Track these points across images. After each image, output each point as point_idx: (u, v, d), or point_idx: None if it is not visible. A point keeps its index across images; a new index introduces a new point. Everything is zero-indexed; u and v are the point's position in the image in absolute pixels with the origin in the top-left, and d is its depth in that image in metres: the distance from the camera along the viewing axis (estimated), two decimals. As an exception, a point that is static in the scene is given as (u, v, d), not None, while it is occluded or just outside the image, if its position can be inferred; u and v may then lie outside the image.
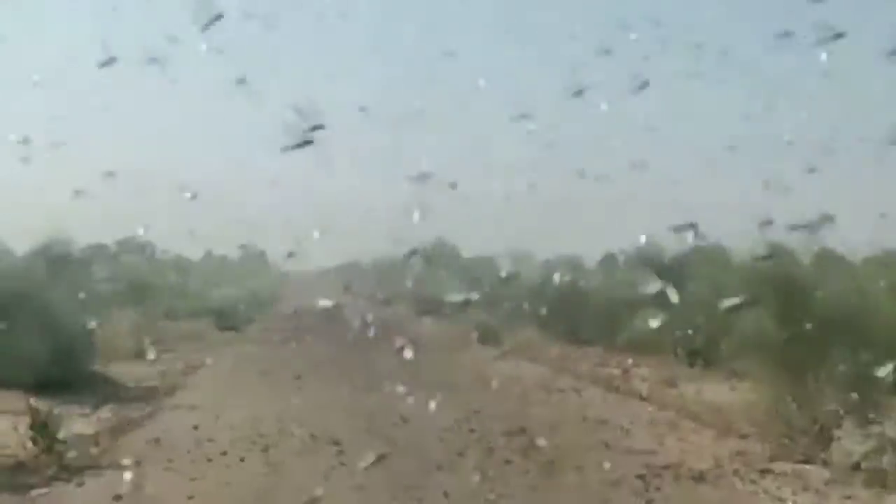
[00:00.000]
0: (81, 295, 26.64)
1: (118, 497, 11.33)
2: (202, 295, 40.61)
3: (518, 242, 41.94)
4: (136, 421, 16.84)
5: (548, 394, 20.57)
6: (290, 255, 13.75)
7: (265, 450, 14.07)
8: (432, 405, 17.47)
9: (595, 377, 24.00)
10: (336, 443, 14.49)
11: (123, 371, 23.63)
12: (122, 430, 15.94)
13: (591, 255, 42.91)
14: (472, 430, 15.72)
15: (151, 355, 27.09)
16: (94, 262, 43.17)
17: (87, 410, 17.77)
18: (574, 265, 42.85)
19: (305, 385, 20.88)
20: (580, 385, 22.25)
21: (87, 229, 36.37)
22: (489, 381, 21.99)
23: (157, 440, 14.79)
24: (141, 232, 47.04)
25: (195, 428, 15.78)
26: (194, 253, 54.87)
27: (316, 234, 11.85)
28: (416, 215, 9.80)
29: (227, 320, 37.17)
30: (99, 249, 46.77)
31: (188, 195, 12.08)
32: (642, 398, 20.26)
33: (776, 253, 17.20)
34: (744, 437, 15.57)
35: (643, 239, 34.91)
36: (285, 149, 7.61)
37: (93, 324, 24.20)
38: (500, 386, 21.28)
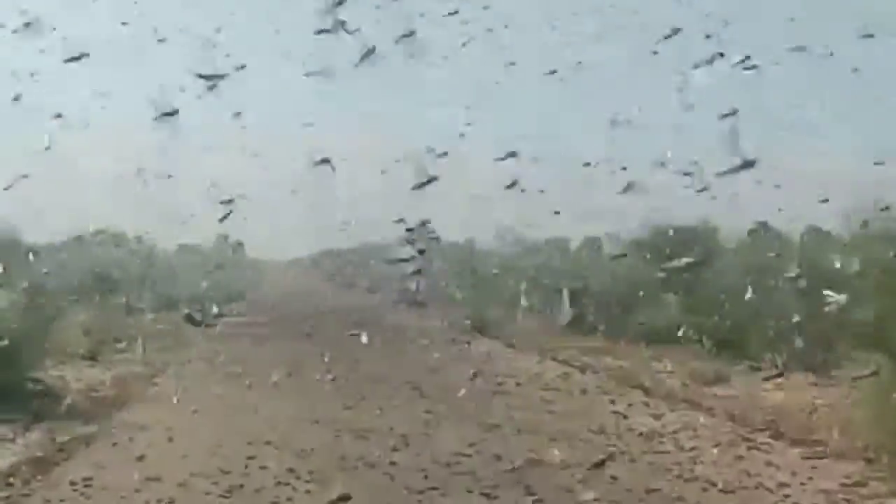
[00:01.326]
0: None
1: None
2: (171, 287, 36.58)
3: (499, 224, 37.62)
4: (70, 448, 12.95)
5: (572, 398, 16.77)
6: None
7: (227, 495, 10.21)
8: (437, 419, 13.79)
9: (617, 374, 20.26)
10: (321, 481, 10.66)
11: (72, 376, 19.78)
12: (50, 463, 12.04)
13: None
14: (497, 458, 11.84)
15: (105, 356, 23.33)
16: (61, 254, 39.69)
17: (14, 432, 13.94)
18: (561, 248, 39.06)
19: (282, 395, 17.02)
20: (605, 384, 18.46)
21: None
22: (501, 382, 18.20)
23: (87, 480, 10.89)
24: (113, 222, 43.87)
25: (140, 459, 11.91)
26: (170, 244, 50.93)
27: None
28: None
29: (196, 315, 33.16)
30: (71, 240, 43.31)
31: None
32: (684, 402, 16.48)
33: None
34: (842, 457, 11.84)
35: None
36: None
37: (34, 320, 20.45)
38: (515, 389, 17.53)
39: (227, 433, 13.30)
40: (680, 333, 24.64)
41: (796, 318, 20.87)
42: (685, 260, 25.50)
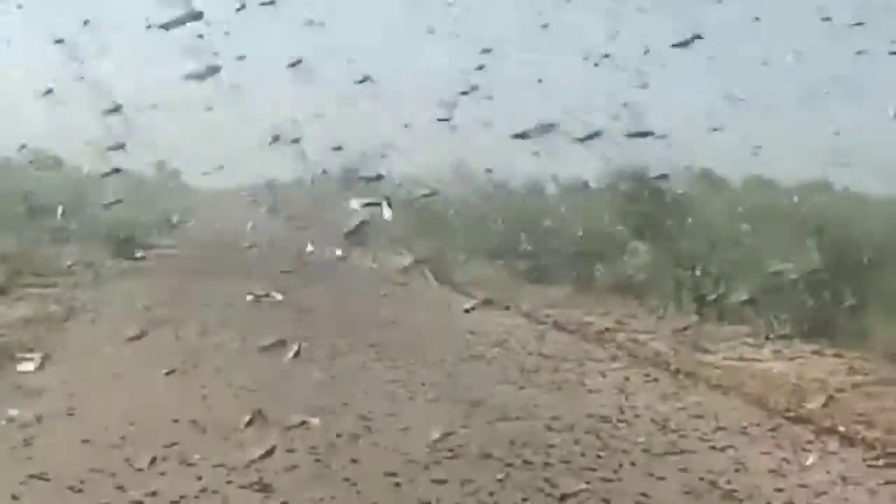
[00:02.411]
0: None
1: None
2: (99, 215, 33.12)
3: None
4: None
5: (554, 370, 13.96)
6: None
7: (132, 510, 7.38)
8: (402, 394, 11.03)
9: (592, 332, 17.62)
10: (263, 488, 7.86)
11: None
12: None
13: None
14: (485, 456, 9.05)
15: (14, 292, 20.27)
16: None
17: None
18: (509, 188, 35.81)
19: (211, 350, 14.14)
20: (588, 348, 15.74)
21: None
22: (467, 347, 15.37)
23: (-52, 476, 8.01)
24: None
25: (27, 444, 9.02)
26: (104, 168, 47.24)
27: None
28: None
29: (124, 246, 29.88)
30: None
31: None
32: (682, 373, 13.81)
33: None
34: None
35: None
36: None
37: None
38: (486, 356, 14.73)
39: (146, 406, 10.43)
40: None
41: (792, 274, 18.31)
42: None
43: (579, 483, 8.10)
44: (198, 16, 6.76)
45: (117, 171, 9.27)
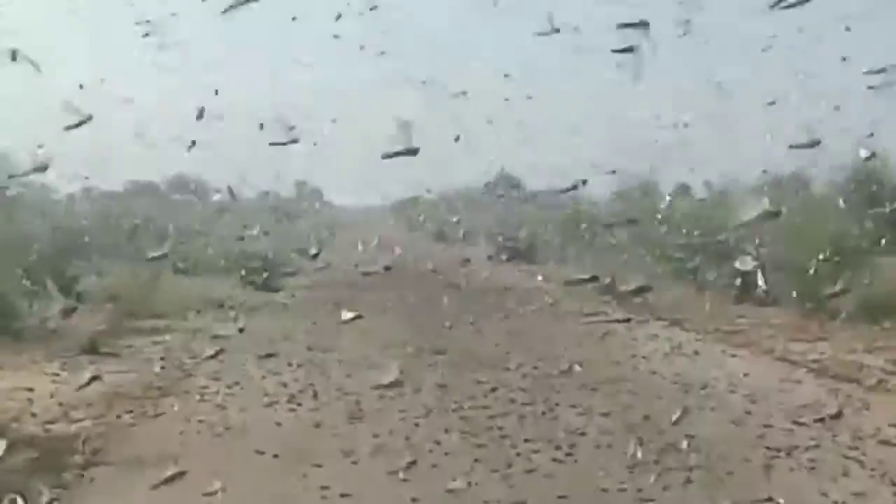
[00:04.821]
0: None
1: None
2: (232, 241, 28.33)
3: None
4: None
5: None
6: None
7: None
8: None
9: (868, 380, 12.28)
10: None
11: (40, 391, 11.74)
12: None
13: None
14: None
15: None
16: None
17: None
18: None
19: (370, 439, 9.16)
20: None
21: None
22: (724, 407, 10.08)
23: None
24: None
25: None
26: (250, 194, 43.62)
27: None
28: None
29: (259, 276, 24.85)
30: (145, 187, 37.57)
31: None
32: None
33: None
34: None
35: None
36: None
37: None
38: (760, 420, 9.35)
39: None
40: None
41: None
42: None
43: None
44: None
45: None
